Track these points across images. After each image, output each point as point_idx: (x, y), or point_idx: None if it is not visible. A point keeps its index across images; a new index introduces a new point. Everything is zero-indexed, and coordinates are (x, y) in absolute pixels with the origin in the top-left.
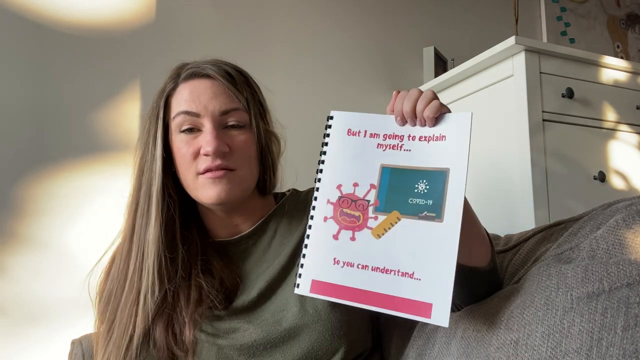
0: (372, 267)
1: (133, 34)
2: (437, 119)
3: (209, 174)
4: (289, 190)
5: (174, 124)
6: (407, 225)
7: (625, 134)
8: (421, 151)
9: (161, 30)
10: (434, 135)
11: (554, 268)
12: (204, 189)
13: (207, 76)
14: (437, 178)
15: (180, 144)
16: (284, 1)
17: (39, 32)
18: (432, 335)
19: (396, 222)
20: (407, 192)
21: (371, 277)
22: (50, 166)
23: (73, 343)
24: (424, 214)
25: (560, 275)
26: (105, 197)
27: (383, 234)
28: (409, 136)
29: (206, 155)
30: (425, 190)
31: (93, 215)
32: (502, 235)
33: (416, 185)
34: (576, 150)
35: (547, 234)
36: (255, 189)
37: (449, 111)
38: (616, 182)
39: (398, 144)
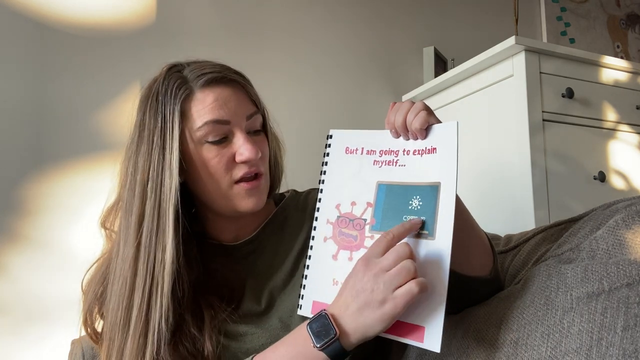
0: None
1: (133, 34)
2: (427, 131)
3: (246, 185)
4: (287, 191)
5: (197, 134)
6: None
7: (625, 134)
8: (415, 166)
9: (161, 30)
10: (425, 148)
11: (553, 268)
12: (242, 199)
13: (230, 81)
14: (429, 193)
15: (209, 155)
16: (284, 1)
17: (39, 32)
18: None
19: None
20: (402, 209)
21: None
22: (51, 166)
23: (73, 343)
24: (417, 231)
25: (560, 275)
26: (105, 197)
27: None
28: (404, 151)
29: (245, 162)
30: (419, 207)
31: (94, 215)
32: (502, 236)
33: (410, 202)
34: (576, 150)
35: (547, 235)
36: None
37: (439, 122)
38: (616, 182)
39: (393, 160)
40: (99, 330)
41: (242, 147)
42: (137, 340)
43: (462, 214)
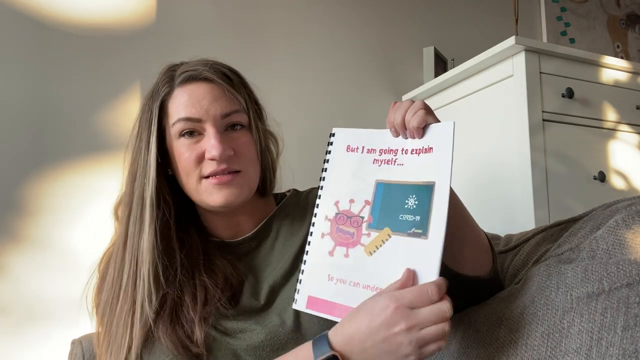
0: (363, 284)
1: (133, 34)
2: (425, 130)
3: (214, 180)
4: (289, 191)
5: (173, 130)
6: (397, 243)
7: (625, 134)
8: (413, 165)
9: (161, 30)
10: (423, 147)
11: (553, 268)
12: (210, 194)
13: (205, 79)
14: (424, 192)
15: (182, 149)
16: (284, 1)
17: (39, 32)
18: None
19: (387, 240)
20: (398, 208)
21: (361, 294)
22: (51, 166)
23: (73, 343)
24: (412, 230)
25: (560, 275)
26: (105, 197)
27: (375, 251)
28: (403, 150)
29: (212, 159)
30: (414, 206)
31: (94, 214)
32: (502, 236)
33: (406, 201)
34: (576, 150)
35: (547, 235)
36: (256, 189)
37: (437, 121)
38: (616, 182)
39: (392, 159)
40: None
41: (210, 145)
42: (123, 319)
43: (461, 214)
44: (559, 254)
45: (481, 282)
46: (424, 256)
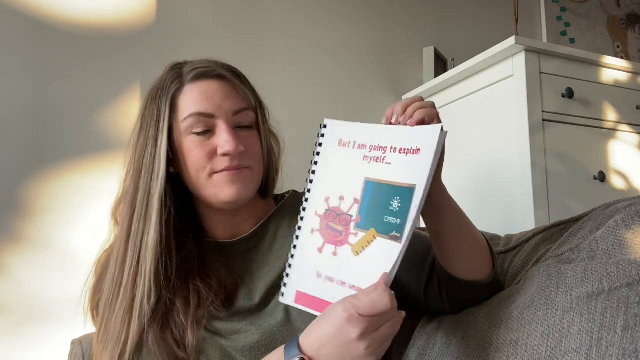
0: (350, 285)
1: (133, 34)
2: (416, 131)
3: (227, 172)
4: (288, 192)
5: (183, 126)
6: (380, 245)
7: (625, 134)
8: (399, 165)
9: (161, 30)
10: (411, 147)
11: (553, 268)
12: (222, 187)
13: (217, 76)
14: (406, 195)
15: (192, 146)
16: (284, 2)
17: (38, 32)
18: (432, 335)
19: (372, 241)
20: (383, 209)
21: (348, 294)
22: (51, 166)
23: (73, 343)
24: (393, 234)
25: (560, 275)
26: (105, 197)
27: (361, 252)
28: (391, 148)
29: (225, 155)
30: (397, 208)
31: (94, 214)
32: (502, 236)
33: (391, 202)
34: (576, 150)
35: (547, 235)
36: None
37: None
38: (616, 182)
39: (381, 156)
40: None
41: (223, 140)
42: (121, 316)
43: (460, 220)
44: (559, 254)
45: (481, 286)
46: (391, 258)
